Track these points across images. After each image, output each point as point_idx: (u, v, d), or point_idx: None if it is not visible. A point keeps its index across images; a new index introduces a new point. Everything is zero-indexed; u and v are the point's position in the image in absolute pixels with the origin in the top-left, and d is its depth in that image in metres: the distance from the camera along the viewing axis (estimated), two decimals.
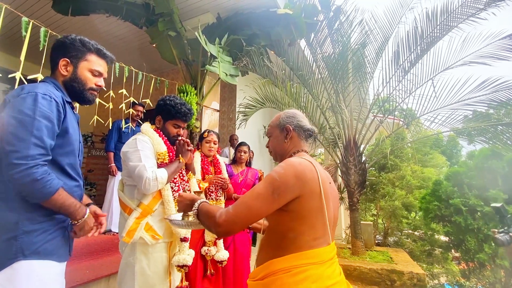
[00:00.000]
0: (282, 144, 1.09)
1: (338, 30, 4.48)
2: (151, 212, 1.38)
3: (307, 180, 0.89)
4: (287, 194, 0.87)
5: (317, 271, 0.86)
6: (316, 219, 0.90)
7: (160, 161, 1.43)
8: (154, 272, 1.36)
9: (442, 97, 4.05)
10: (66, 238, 1.00)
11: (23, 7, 4.21)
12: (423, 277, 3.58)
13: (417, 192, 5.69)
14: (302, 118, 1.12)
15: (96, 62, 1.07)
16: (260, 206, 0.86)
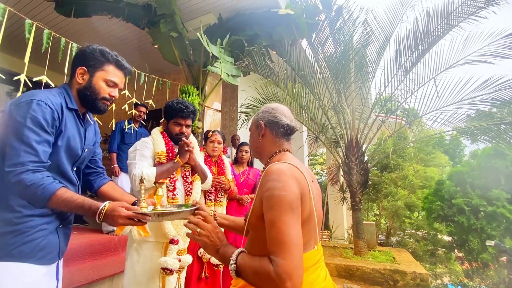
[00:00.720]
0: (257, 142, 1.00)
1: (340, 29, 4.48)
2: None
3: (301, 186, 0.82)
4: (299, 204, 0.79)
5: (309, 279, 0.80)
6: (309, 224, 0.84)
7: (156, 160, 1.51)
8: (143, 269, 1.39)
9: (445, 96, 4.04)
10: (51, 241, 0.97)
11: (26, 9, 4.25)
12: (426, 277, 3.57)
13: (419, 191, 5.67)
14: (280, 113, 0.98)
15: (113, 72, 1.08)
16: (295, 233, 0.73)
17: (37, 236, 0.93)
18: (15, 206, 0.90)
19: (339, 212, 8.75)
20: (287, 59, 4.42)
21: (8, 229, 0.88)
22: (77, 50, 1.15)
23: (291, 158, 0.92)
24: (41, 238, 0.93)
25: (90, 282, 2.14)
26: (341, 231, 7.97)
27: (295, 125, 0.99)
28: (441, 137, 7.17)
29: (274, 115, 0.98)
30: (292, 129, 0.99)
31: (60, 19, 4.43)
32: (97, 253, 2.60)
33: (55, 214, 1.00)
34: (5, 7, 2.34)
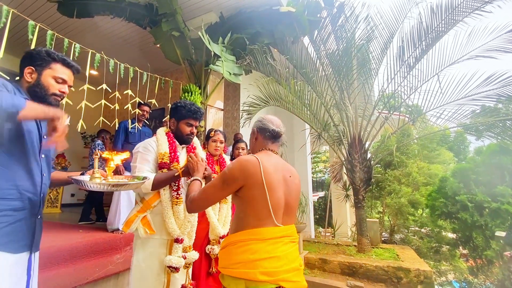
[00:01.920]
0: (252, 143, 1.32)
1: (342, 26, 4.45)
2: (150, 208, 1.46)
3: (250, 173, 1.09)
4: (233, 184, 1.11)
5: (257, 246, 1.05)
6: (258, 204, 1.09)
7: (159, 160, 1.51)
8: (148, 266, 1.41)
9: (449, 92, 4.00)
10: (18, 229, 0.99)
11: (29, 10, 4.28)
12: (430, 274, 3.57)
13: (423, 189, 5.63)
14: (268, 121, 1.27)
15: (61, 70, 1.13)
16: (213, 193, 1.15)
17: (2, 221, 0.94)
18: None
19: (343, 210, 8.74)
20: (289, 57, 4.41)
21: None
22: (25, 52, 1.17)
23: (263, 155, 1.20)
24: (4, 223, 0.95)
25: (96, 279, 2.17)
26: (344, 228, 7.95)
27: (280, 130, 1.27)
28: (446, 134, 7.10)
29: (263, 123, 1.28)
30: (277, 133, 1.26)
31: (62, 19, 4.46)
32: (102, 251, 2.63)
33: (26, 203, 1.02)
34: (9, 9, 2.37)
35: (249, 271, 1.01)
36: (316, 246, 4.89)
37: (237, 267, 1.04)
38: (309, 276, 3.78)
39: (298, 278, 1.08)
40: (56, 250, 2.29)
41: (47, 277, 2.04)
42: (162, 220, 1.46)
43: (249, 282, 1.01)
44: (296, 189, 1.23)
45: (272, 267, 1.02)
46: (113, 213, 3.13)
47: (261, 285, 1.00)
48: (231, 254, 1.09)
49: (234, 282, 1.04)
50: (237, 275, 1.03)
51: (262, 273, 1.00)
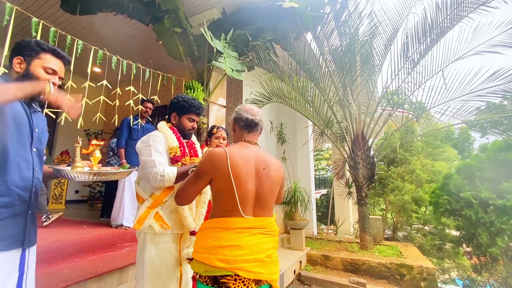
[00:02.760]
0: (233, 136, 1.32)
1: (346, 22, 4.41)
2: (161, 203, 1.45)
3: (218, 166, 1.12)
4: (203, 176, 1.15)
5: (220, 234, 1.09)
6: (225, 196, 1.12)
7: (172, 154, 1.50)
8: (163, 261, 1.41)
9: (453, 88, 3.96)
10: (7, 226, 0.97)
11: (32, 7, 4.30)
12: (433, 271, 3.55)
13: (427, 186, 5.60)
14: (243, 111, 1.25)
15: (50, 60, 1.09)
16: (189, 186, 1.20)
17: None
18: None
19: (345, 207, 8.73)
20: (292, 53, 4.38)
21: None
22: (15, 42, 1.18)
23: (236, 146, 1.21)
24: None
25: (101, 274, 2.19)
26: (347, 226, 7.95)
27: (254, 118, 1.24)
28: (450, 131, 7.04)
29: (238, 113, 1.26)
30: (251, 121, 1.23)
31: (65, 17, 4.47)
32: (106, 246, 2.66)
33: (15, 199, 0.99)
34: (12, 6, 2.38)
35: (209, 256, 1.05)
36: (319, 242, 4.90)
37: (200, 252, 1.09)
38: (311, 273, 3.78)
39: (259, 269, 1.07)
40: (62, 245, 2.32)
41: (54, 271, 2.07)
42: (173, 214, 1.47)
43: (207, 267, 1.05)
44: (270, 181, 1.19)
45: (231, 255, 1.05)
46: (116, 209, 3.16)
47: (217, 270, 1.04)
48: (198, 240, 1.15)
49: (197, 265, 1.09)
50: (199, 259, 1.08)
51: (219, 260, 1.03)
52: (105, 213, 3.88)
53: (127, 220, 3.10)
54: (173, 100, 1.63)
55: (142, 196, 1.49)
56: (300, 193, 4.73)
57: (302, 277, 3.68)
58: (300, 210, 4.71)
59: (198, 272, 1.09)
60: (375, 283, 3.60)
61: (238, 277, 1.03)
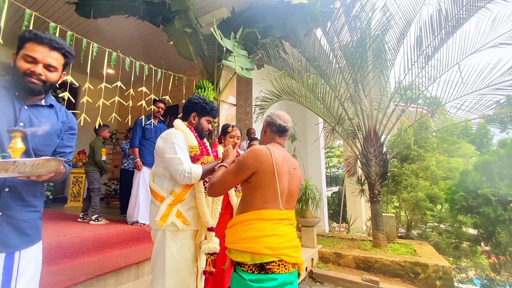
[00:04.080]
0: (262, 137, 1.46)
1: (357, 16, 4.33)
2: (181, 200, 1.50)
3: (262, 161, 1.23)
4: (246, 170, 1.24)
5: (262, 225, 1.19)
6: (266, 189, 1.23)
7: (193, 153, 1.55)
8: (182, 257, 1.46)
9: (470, 82, 3.83)
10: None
11: (49, 12, 4.46)
12: (449, 270, 3.47)
13: (442, 183, 5.44)
14: (276, 117, 1.40)
15: (30, 47, 1.00)
16: (229, 178, 1.29)
17: None
18: None
19: (357, 205, 8.62)
20: (302, 50, 4.35)
21: None
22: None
23: (272, 146, 1.32)
24: None
25: (119, 268, 2.28)
26: (359, 223, 7.85)
27: (286, 125, 1.39)
28: (467, 126, 6.79)
29: (272, 118, 1.40)
30: (284, 128, 1.38)
31: (80, 20, 4.61)
32: (123, 242, 2.76)
33: None
34: (31, 12, 2.48)
35: (255, 245, 1.15)
36: (331, 240, 4.87)
37: (243, 242, 1.18)
38: (323, 270, 3.78)
39: (296, 254, 1.21)
40: (82, 240, 2.42)
41: (75, 265, 2.17)
42: (192, 211, 1.52)
43: (254, 255, 1.14)
44: (297, 180, 1.37)
45: (275, 243, 1.16)
46: (132, 207, 3.26)
47: (265, 257, 1.14)
48: (238, 232, 1.22)
49: (241, 255, 1.17)
50: (244, 249, 1.17)
51: (266, 248, 1.14)
52: (123, 210, 4.02)
53: (142, 217, 3.19)
54: (194, 100, 1.66)
55: (161, 194, 1.51)
56: (311, 190, 4.71)
57: (314, 274, 3.68)
58: (312, 207, 4.70)
59: (243, 261, 1.16)
60: (388, 282, 3.56)
61: (281, 262, 1.16)
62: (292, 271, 1.21)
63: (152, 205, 1.55)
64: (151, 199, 1.57)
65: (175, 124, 1.62)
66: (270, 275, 1.13)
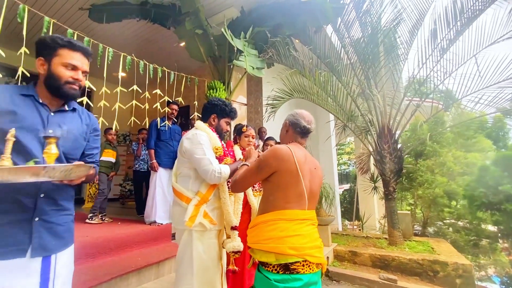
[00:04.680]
0: (283, 135, 1.45)
1: (367, 11, 4.26)
2: (207, 201, 1.53)
3: (283, 161, 1.22)
4: (266, 169, 1.25)
5: (285, 225, 1.19)
6: (288, 189, 1.22)
7: (218, 154, 1.58)
8: (209, 256, 1.49)
9: (488, 75, 3.71)
10: (5, 234, 0.92)
11: (63, 18, 4.57)
12: (470, 268, 3.39)
13: (459, 179, 5.30)
14: (301, 117, 1.38)
15: (68, 55, 1.03)
16: (250, 176, 1.32)
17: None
18: None
19: (370, 202, 8.51)
20: (312, 47, 4.31)
21: None
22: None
23: (294, 146, 1.31)
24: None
25: (140, 268, 2.33)
26: (372, 221, 7.75)
27: (310, 127, 1.38)
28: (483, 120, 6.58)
29: (296, 118, 1.38)
30: (307, 130, 1.38)
31: (93, 25, 4.70)
32: (142, 242, 2.81)
33: (15, 206, 0.94)
34: (50, 20, 2.55)
35: (279, 246, 1.15)
36: (345, 238, 4.83)
37: (267, 242, 1.18)
38: (339, 268, 3.75)
39: (319, 254, 1.21)
40: (103, 240, 2.48)
41: (98, 265, 2.23)
42: (216, 211, 1.55)
43: (278, 255, 1.15)
44: (318, 180, 1.36)
45: (299, 243, 1.16)
46: (149, 207, 3.32)
47: (289, 258, 1.14)
48: (261, 232, 1.22)
49: (265, 255, 1.17)
50: (268, 249, 1.17)
51: (290, 248, 1.14)
52: (139, 211, 4.09)
53: (160, 217, 3.25)
54: (214, 102, 1.69)
55: (186, 195, 1.52)
56: (324, 189, 4.68)
57: (330, 273, 3.66)
58: (325, 206, 4.67)
59: (267, 261, 1.17)
60: (406, 280, 3.50)
61: (305, 262, 1.16)
62: (316, 271, 1.20)
63: (176, 206, 1.57)
64: (175, 200, 1.58)
65: (198, 126, 1.65)
66: (295, 275, 1.13)
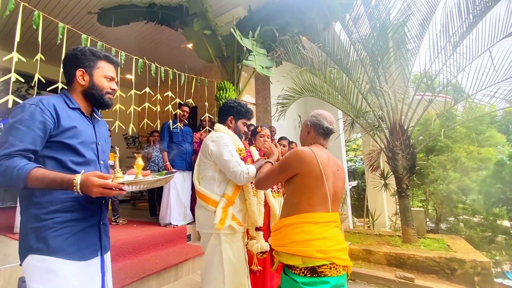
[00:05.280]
0: (304, 136, 1.44)
1: (376, 7, 4.20)
2: (233, 203, 1.53)
3: (305, 163, 1.22)
4: (288, 170, 1.26)
5: (311, 228, 1.19)
6: (312, 192, 1.22)
7: (241, 155, 1.59)
8: (237, 259, 1.50)
9: (503, 68, 3.63)
10: (83, 238, 1.02)
11: (72, 23, 4.61)
12: (488, 265, 3.33)
13: (473, 174, 5.20)
14: (323, 118, 1.37)
15: (107, 68, 1.14)
16: (272, 177, 1.34)
17: (64, 232, 0.97)
18: (43, 203, 0.96)
19: (379, 199, 8.44)
20: (321, 45, 4.27)
21: (37, 224, 0.95)
22: (65, 55, 1.18)
23: (316, 148, 1.31)
24: (67, 234, 0.98)
25: (159, 270, 2.34)
26: (382, 218, 7.68)
27: (333, 128, 1.38)
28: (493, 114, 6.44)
29: (318, 119, 1.37)
30: (330, 131, 1.38)
31: (101, 29, 4.73)
32: (159, 244, 2.83)
33: (86, 213, 1.04)
34: (64, 25, 2.57)
35: (306, 249, 1.15)
36: (357, 236, 4.80)
37: (294, 246, 1.18)
38: (354, 267, 3.73)
39: (345, 256, 1.22)
40: (122, 243, 2.50)
41: (119, 268, 2.25)
42: (241, 213, 1.56)
43: (305, 258, 1.15)
44: (342, 182, 1.35)
45: (325, 246, 1.17)
46: (164, 209, 3.34)
47: (316, 261, 1.14)
48: (287, 235, 1.22)
49: (291, 258, 1.18)
50: (294, 252, 1.17)
51: (317, 251, 1.15)
52: (152, 212, 4.11)
53: (175, 218, 3.26)
54: (229, 104, 1.70)
55: (212, 198, 1.52)
56: None
57: None
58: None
59: (294, 264, 1.17)
60: (423, 278, 3.46)
61: (332, 265, 1.16)
62: (342, 274, 1.20)
63: (201, 209, 1.56)
64: (199, 204, 1.58)
65: (218, 128, 1.66)
66: (322, 278, 1.14)
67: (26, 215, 0.97)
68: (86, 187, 0.90)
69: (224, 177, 1.52)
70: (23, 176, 0.88)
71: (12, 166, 0.88)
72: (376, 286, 3.36)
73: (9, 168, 0.88)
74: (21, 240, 0.98)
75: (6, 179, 0.89)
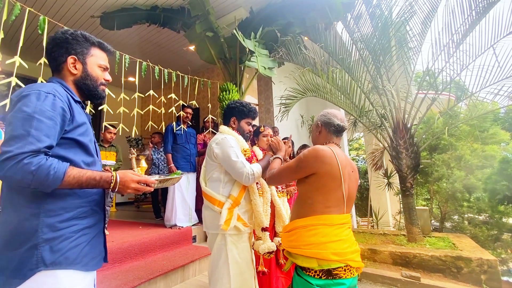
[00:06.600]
0: (316, 136, 1.41)
1: (378, 6, 4.20)
2: (239, 204, 1.54)
3: (325, 163, 1.19)
4: (306, 169, 1.22)
5: (326, 230, 1.17)
6: (329, 193, 1.19)
7: (246, 156, 1.60)
8: (243, 259, 1.50)
9: (508, 65, 3.61)
10: (95, 245, 0.94)
11: (75, 27, 4.64)
12: (495, 263, 3.31)
13: (478, 172, 5.18)
14: (333, 116, 1.35)
15: (101, 56, 1.02)
16: (287, 173, 1.31)
17: (81, 241, 0.89)
18: (57, 209, 0.85)
19: (383, 198, 8.40)
20: (323, 45, 4.27)
21: (54, 234, 0.83)
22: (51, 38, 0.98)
23: (335, 148, 1.28)
24: (84, 243, 0.90)
25: (166, 272, 2.35)
26: (385, 217, 7.66)
27: (344, 124, 1.35)
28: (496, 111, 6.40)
29: (328, 117, 1.35)
30: (342, 128, 1.35)
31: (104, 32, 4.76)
32: (165, 245, 2.85)
33: (96, 218, 0.97)
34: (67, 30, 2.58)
35: (321, 251, 1.14)
36: (362, 236, 4.78)
37: (309, 248, 1.16)
38: None
39: (359, 258, 1.22)
40: (129, 245, 2.52)
41: (126, 270, 2.26)
42: (246, 214, 1.56)
43: (321, 261, 1.14)
44: (356, 183, 1.33)
45: (340, 248, 1.16)
46: (169, 211, 3.35)
47: (332, 263, 1.13)
48: (301, 236, 1.20)
49: (306, 260, 1.16)
50: (310, 254, 1.15)
51: (333, 254, 1.14)
52: (157, 214, 4.13)
53: (180, 220, 3.27)
54: (231, 105, 1.70)
55: (218, 199, 1.53)
56: None
57: None
58: None
59: (309, 266, 1.16)
60: (429, 277, 3.45)
61: (347, 267, 1.15)
62: (355, 275, 1.21)
63: (208, 210, 1.58)
64: (205, 205, 1.59)
65: (222, 130, 1.67)
66: (337, 280, 1.13)
67: (33, 224, 0.81)
68: (123, 184, 0.87)
69: (229, 178, 1.53)
70: (61, 177, 0.78)
71: (46, 165, 0.77)
72: (382, 286, 3.35)
73: (43, 168, 0.76)
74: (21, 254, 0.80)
75: (37, 179, 0.75)
